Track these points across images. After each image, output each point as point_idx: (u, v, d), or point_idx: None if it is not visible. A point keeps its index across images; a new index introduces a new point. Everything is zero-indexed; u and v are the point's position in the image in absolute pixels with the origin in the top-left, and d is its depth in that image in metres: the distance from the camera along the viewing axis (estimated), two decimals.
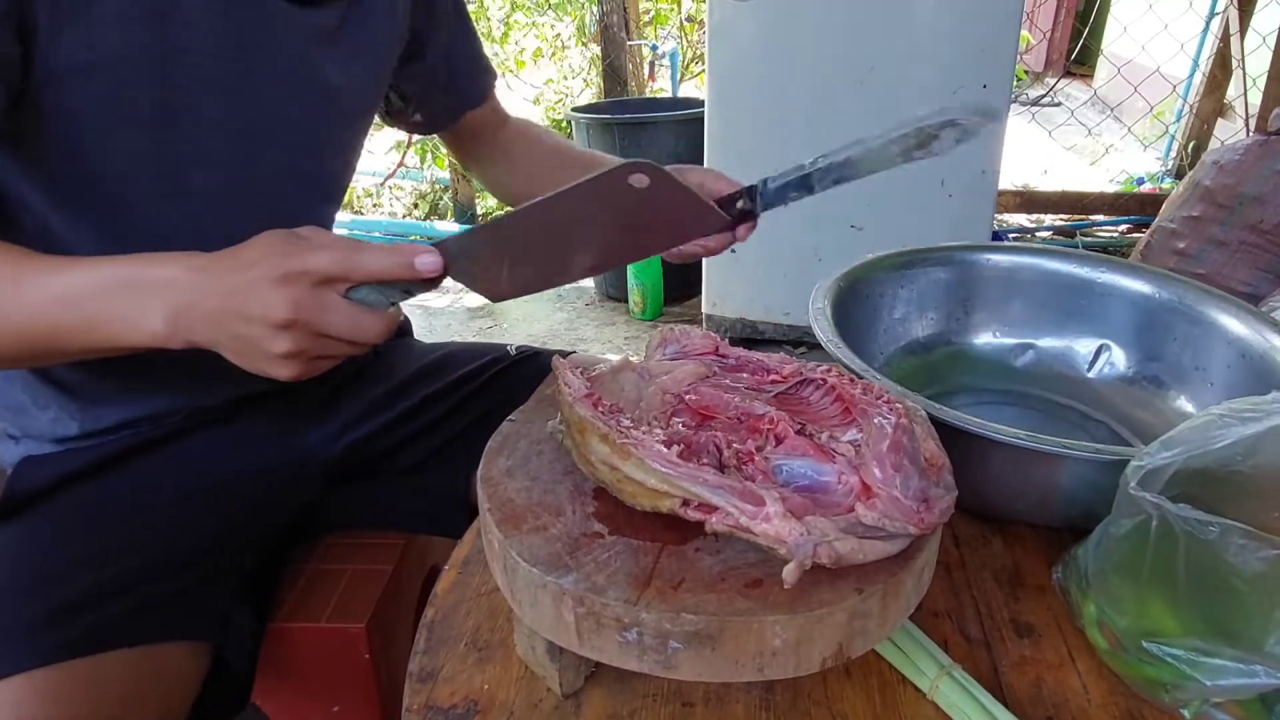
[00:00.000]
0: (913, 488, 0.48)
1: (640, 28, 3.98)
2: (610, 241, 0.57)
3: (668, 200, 0.54)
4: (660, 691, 0.55)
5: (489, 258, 0.58)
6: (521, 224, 0.56)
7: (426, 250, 0.55)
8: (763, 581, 0.48)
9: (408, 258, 0.54)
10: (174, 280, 0.55)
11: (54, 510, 0.72)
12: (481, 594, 0.64)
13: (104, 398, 0.76)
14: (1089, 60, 5.79)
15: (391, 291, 0.56)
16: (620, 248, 0.59)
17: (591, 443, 0.53)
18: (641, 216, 0.55)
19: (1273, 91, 3.14)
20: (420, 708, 0.54)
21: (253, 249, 0.54)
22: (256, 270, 0.53)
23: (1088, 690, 0.56)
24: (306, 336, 0.53)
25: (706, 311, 2.43)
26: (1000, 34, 1.99)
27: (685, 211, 0.56)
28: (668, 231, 0.59)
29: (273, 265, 0.52)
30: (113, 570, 0.67)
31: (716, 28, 2.10)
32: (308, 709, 0.86)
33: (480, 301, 2.98)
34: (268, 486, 0.81)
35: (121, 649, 0.62)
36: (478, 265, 0.58)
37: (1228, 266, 2.18)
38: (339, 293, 0.54)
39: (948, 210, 2.15)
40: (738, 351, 0.65)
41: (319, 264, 0.53)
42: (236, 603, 0.75)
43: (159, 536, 0.71)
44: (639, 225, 0.56)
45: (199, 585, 0.71)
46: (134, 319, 0.55)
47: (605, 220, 0.55)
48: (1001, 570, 0.67)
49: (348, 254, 0.53)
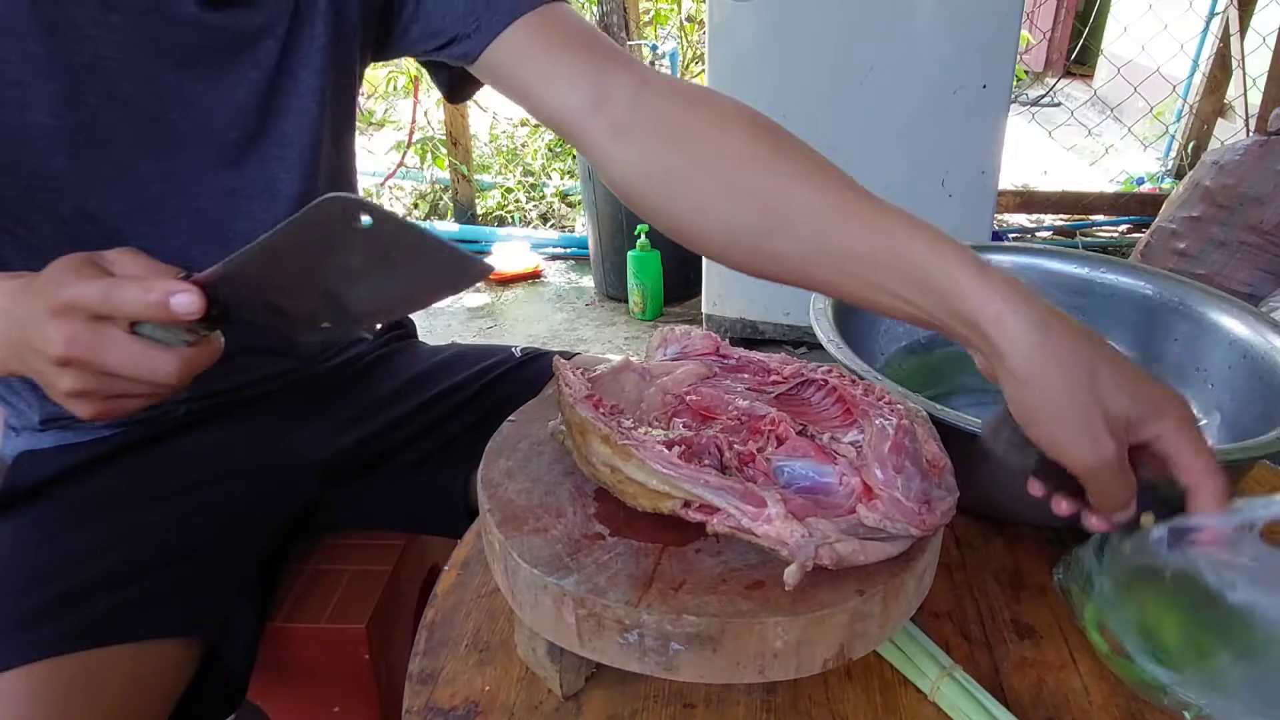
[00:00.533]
0: (914, 489, 0.48)
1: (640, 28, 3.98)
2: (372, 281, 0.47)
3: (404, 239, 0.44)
4: (661, 693, 0.55)
5: (251, 298, 0.49)
6: (266, 255, 0.46)
7: (184, 288, 0.47)
8: (764, 583, 0.48)
9: (162, 296, 0.46)
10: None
11: (52, 504, 0.72)
12: (482, 595, 0.64)
13: None
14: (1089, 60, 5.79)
15: (177, 331, 0.49)
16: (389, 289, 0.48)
17: (592, 444, 0.53)
18: (386, 256, 0.45)
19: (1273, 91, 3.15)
20: (420, 709, 0.54)
21: (46, 274, 0.49)
22: (39, 300, 0.48)
23: (1089, 691, 0.56)
24: (89, 375, 0.48)
25: (707, 311, 2.44)
26: (1000, 34, 2.00)
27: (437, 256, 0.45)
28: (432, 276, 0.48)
29: (49, 296, 0.47)
30: (110, 564, 0.66)
31: (716, 28, 2.10)
32: (308, 710, 0.86)
33: (480, 301, 2.99)
34: (266, 483, 0.81)
35: (117, 644, 0.62)
36: (253, 301, 0.49)
37: (1228, 266, 2.18)
38: (123, 327, 0.48)
39: (948, 210, 2.15)
40: (738, 352, 0.65)
41: (85, 297, 0.47)
42: (237, 601, 0.75)
43: (156, 531, 0.71)
44: (391, 266, 0.46)
45: (197, 582, 0.71)
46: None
47: (342, 256, 0.46)
48: (1002, 571, 0.67)
49: (109, 289, 0.47)
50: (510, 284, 3.14)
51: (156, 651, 0.65)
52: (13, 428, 0.78)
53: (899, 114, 2.08)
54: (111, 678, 0.61)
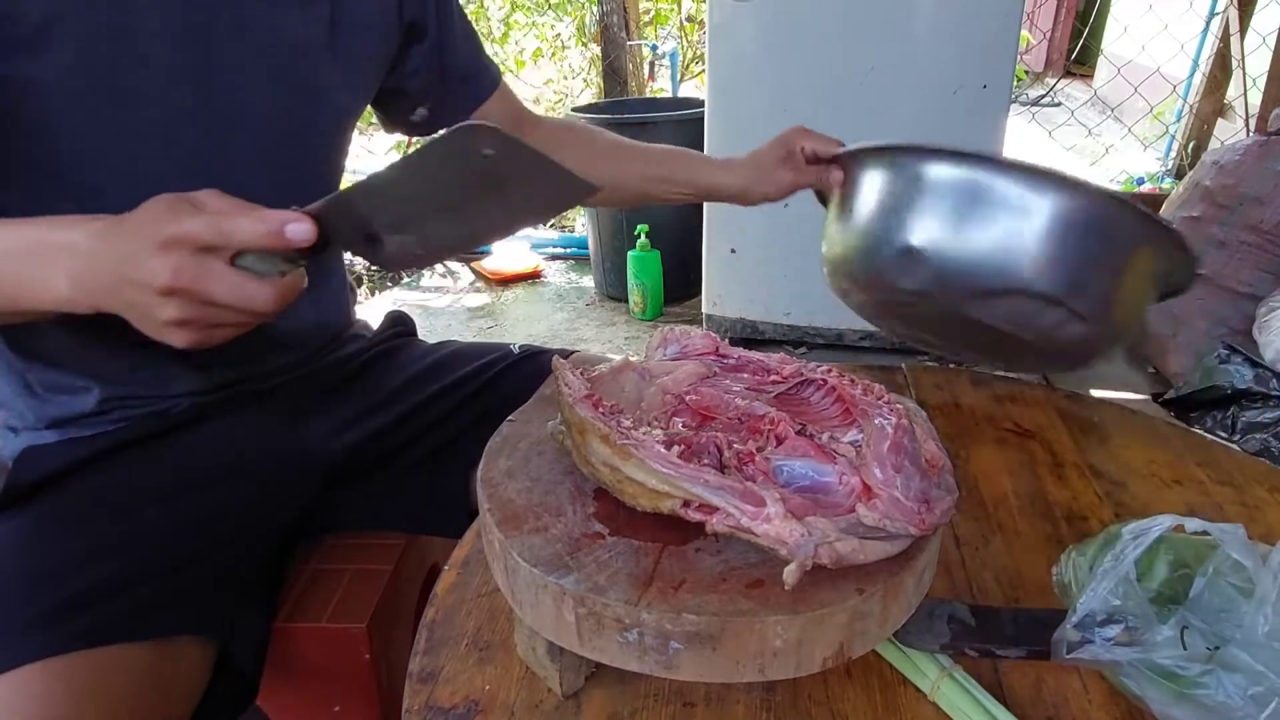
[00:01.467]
0: (913, 488, 0.48)
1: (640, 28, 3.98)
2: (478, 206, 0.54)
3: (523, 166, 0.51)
4: (661, 692, 0.55)
5: (360, 224, 0.55)
6: (381, 188, 0.54)
7: (297, 217, 0.53)
8: (764, 582, 0.48)
9: (277, 226, 0.52)
10: (75, 245, 0.55)
11: (58, 501, 0.73)
12: (482, 594, 0.64)
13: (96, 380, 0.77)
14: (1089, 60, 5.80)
15: (274, 260, 0.54)
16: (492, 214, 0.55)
17: (592, 443, 0.53)
18: (500, 182, 0.52)
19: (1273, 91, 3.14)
20: (421, 708, 0.54)
21: (143, 213, 0.54)
22: (140, 236, 0.52)
23: (1088, 691, 0.56)
24: (192, 305, 0.52)
25: (706, 311, 2.44)
26: (1000, 34, 2.00)
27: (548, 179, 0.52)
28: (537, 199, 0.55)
29: (154, 231, 0.52)
30: (119, 563, 0.67)
31: (716, 28, 2.10)
32: (308, 709, 0.86)
33: (480, 301, 2.99)
34: (270, 482, 0.82)
35: (130, 642, 0.62)
36: (355, 232, 0.55)
37: (1228, 266, 2.18)
38: (224, 260, 0.52)
39: None
40: (738, 351, 0.65)
41: (194, 231, 0.51)
42: (244, 601, 0.75)
43: (162, 530, 0.71)
44: (502, 191, 0.53)
45: (206, 581, 0.71)
46: (40, 283, 0.56)
47: (461, 184, 0.52)
48: (1002, 570, 0.67)
49: (220, 221, 0.52)
50: (510, 284, 3.14)
51: (169, 651, 0.65)
52: (12, 429, 0.78)
53: (899, 114, 2.08)
54: (124, 677, 0.61)
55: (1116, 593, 0.51)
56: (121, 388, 0.78)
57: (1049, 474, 0.81)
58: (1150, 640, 0.49)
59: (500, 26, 4.69)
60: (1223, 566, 0.52)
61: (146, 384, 0.79)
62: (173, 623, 0.66)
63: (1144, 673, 0.49)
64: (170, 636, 0.65)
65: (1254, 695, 0.46)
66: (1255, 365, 1.90)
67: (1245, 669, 0.47)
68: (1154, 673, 0.49)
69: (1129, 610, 0.50)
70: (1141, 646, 0.49)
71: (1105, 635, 0.50)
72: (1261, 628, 0.47)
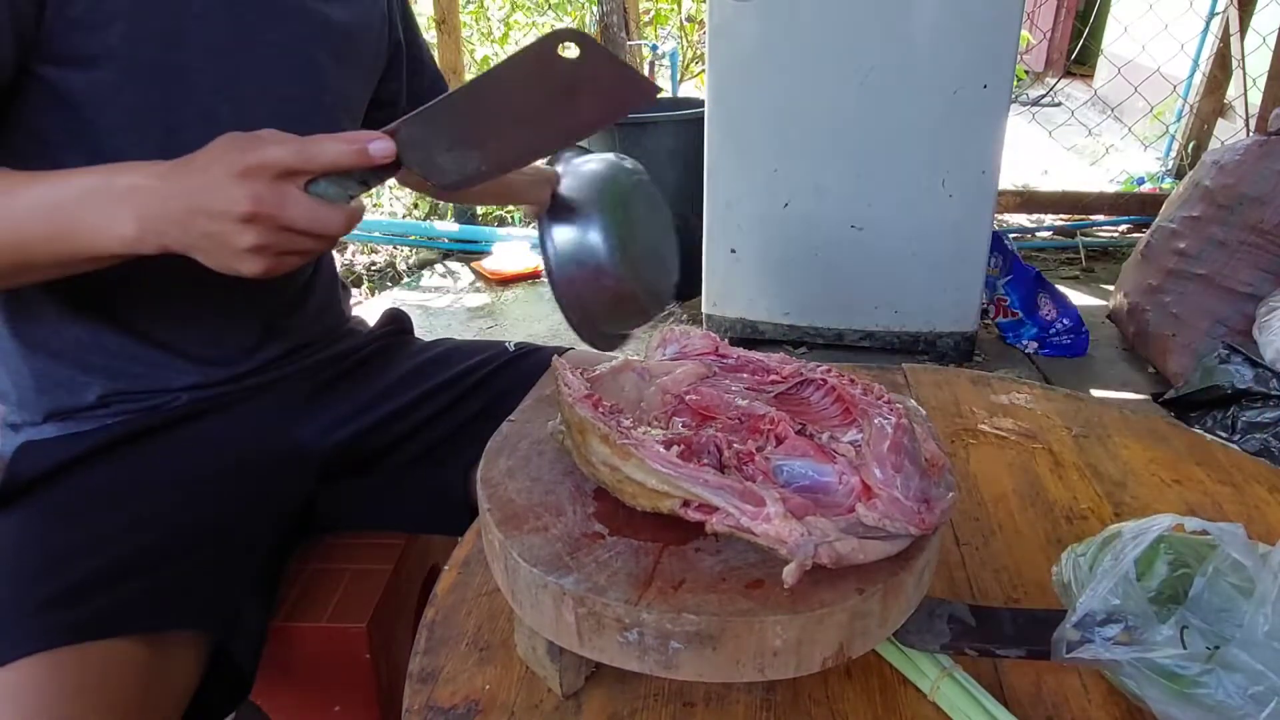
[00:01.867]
0: (913, 488, 0.48)
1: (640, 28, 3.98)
2: (549, 115, 0.58)
3: (600, 69, 0.56)
4: (661, 692, 0.55)
5: (437, 140, 0.59)
6: (463, 102, 0.58)
7: (378, 136, 0.57)
8: (763, 581, 0.48)
9: (361, 144, 0.56)
10: (138, 186, 0.57)
11: (56, 495, 0.73)
12: (482, 594, 0.64)
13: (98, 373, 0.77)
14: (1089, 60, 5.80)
15: (349, 183, 0.58)
16: (561, 122, 0.59)
17: (592, 443, 0.53)
18: (576, 87, 0.56)
19: (1273, 91, 3.15)
20: (421, 708, 0.54)
21: (210, 151, 0.56)
22: (217, 168, 0.55)
23: (1088, 690, 0.56)
24: (270, 230, 0.55)
25: (706, 311, 2.44)
26: (1000, 34, 2.00)
27: (619, 81, 0.57)
28: (605, 103, 0.59)
29: (232, 161, 0.54)
30: (116, 555, 0.67)
31: (716, 28, 2.10)
32: (308, 709, 0.86)
33: (480, 301, 2.99)
34: (267, 476, 0.82)
35: (127, 635, 0.62)
36: (428, 149, 0.59)
37: (1228, 266, 2.18)
38: (298, 186, 0.56)
39: (948, 210, 2.15)
40: (738, 351, 0.65)
41: (277, 157, 0.54)
42: (244, 597, 0.75)
43: (159, 523, 0.71)
44: (575, 96, 0.57)
45: (202, 576, 0.71)
46: (105, 226, 0.57)
47: (541, 92, 0.57)
48: (1002, 570, 0.67)
49: (304, 145, 0.55)
50: (510, 284, 3.14)
51: (167, 645, 0.65)
52: (12, 425, 0.78)
53: (899, 114, 2.08)
54: (122, 670, 0.61)
55: (1116, 592, 0.51)
56: (122, 381, 0.78)
57: (1049, 474, 0.81)
58: (1150, 640, 0.49)
59: (500, 26, 4.69)
60: (1222, 566, 0.52)
61: (147, 378, 0.79)
62: (168, 617, 0.66)
63: (1144, 672, 0.49)
64: (165, 631, 0.65)
65: (1254, 695, 0.46)
66: (1255, 365, 1.90)
67: (1245, 668, 0.47)
68: (1154, 672, 0.49)
69: (1129, 610, 0.50)
70: (1141, 646, 0.49)
71: (1105, 635, 0.50)
72: (1261, 627, 0.47)
